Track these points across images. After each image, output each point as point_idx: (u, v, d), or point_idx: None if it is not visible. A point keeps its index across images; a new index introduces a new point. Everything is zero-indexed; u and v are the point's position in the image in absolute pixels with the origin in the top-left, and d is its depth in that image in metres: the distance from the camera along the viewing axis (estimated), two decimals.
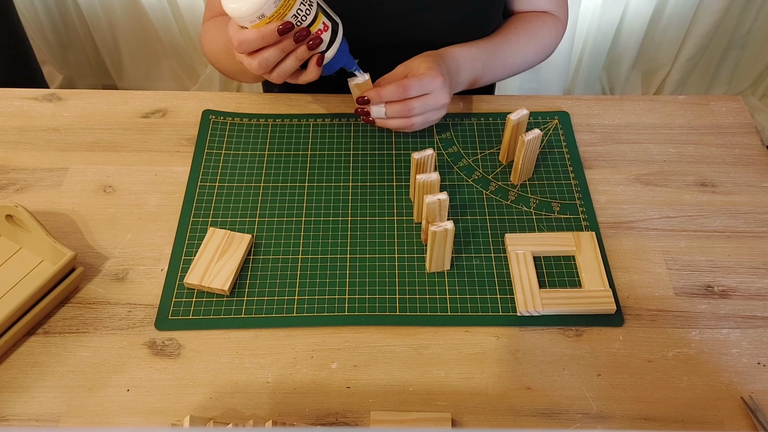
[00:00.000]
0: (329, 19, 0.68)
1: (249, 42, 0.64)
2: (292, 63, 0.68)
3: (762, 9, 1.64)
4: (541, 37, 0.86)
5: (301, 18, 0.65)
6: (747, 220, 0.73)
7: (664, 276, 0.68)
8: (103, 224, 0.72)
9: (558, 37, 0.88)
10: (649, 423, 0.58)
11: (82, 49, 1.80)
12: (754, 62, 1.77)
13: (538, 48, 0.86)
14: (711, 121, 0.84)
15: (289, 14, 0.64)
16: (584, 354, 0.62)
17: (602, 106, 0.86)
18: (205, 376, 0.61)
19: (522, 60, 0.85)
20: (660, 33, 1.71)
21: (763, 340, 0.63)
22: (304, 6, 0.64)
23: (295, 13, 0.64)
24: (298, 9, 0.64)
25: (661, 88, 1.84)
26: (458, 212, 0.73)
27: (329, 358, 0.62)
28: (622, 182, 0.77)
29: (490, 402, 0.59)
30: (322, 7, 0.68)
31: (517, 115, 0.73)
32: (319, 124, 0.83)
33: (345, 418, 0.58)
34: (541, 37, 0.86)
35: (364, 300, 0.66)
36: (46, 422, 0.58)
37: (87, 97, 0.86)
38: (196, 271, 0.67)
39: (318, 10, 0.66)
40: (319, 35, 0.67)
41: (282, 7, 0.63)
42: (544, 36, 0.86)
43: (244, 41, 0.64)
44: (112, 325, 0.64)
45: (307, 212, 0.73)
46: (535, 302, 0.64)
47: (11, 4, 1.36)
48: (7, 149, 0.79)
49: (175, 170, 0.78)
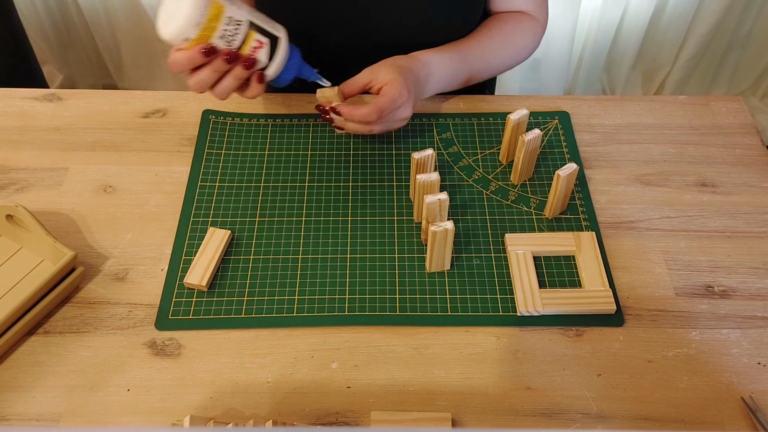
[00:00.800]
0: (265, 35, 0.68)
1: (178, 63, 0.66)
2: (230, 82, 0.68)
3: (762, 9, 1.64)
4: (518, 39, 0.84)
5: (228, 39, 0.65)
6: (747, 220, 0.73)
7: (664, 276, 0.68)
8: (103, 224, 0.72)
9: (537, 39, 0.87)
10: (649, 423, 0.58)
11: (83, 49, 1.80)
12: (755, 62, 1.77)
13: (515, 50, 0.85)
14: (711, 121, 0.84)
15: (214, 36, 0.65)
16: (584, 354, 0.62)
17: (602, 106, 0.86)
18: (205, 376, 0.61)
19: (498, 63, 0.84)
20: (660, 33, 1.71)
21: (763, 340, 0.63)
22: (231, 27, 0.65)
23: (220, 35, 0.65)
24: (223, 30, 0.65)
25: (661, 89, 1.84)
26: (458, 212, 0.73)
27: (329, 358, 0.62)
28: (622, 182, 0.77)
29: (490, 402, 0.59)
30: (256, 24, 0.67)
31: (517, 115, 0.73)
32: (319, 124, 0.83)
33: (345, 418, 0.58)
34: (518, 39, 0.84)
35: (364, 300, 0.66)
36: (47, 422, 0.58)
37: (87, 97, 0.86)
38: (196, 271, 0.67)
39: (249, 28, 0.67)
40: (252, 55, 0.67)
41: (205, 29, 0.64)
42: (521, 38, 0.85)
43: (175, 62, 0.66)
44: (112, 324, 0.64)
45: (307, 212, 0.73)
46: (535, 302, 0.64)
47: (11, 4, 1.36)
48: (7, 149, 0.79)
49: (175, 170, 0.78)
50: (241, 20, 0.66)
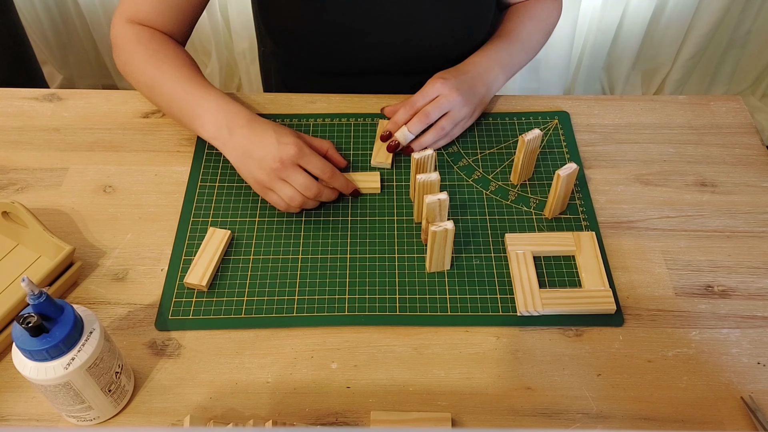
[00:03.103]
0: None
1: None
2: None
3: (762, 9, 1.64)
4: (544, 19, 0.87)
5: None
6: (747, 220, 0.73)
7: (664, 276, 0.68)
8: (103, 224, 0.72)
9: (558, 15, 0.90)
10: (649, 423, 0.58)
11: (82, 49, 1.80)
12: (754, 62, 1.77)
13: (546, 29, 0.88)
14: (711, 121, 0.84)
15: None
16: (584, 354, 0.62)
17: (602, 106, 0.86)
18: (205, 376, 0.61)
19: (536, 42, 0.87)
20: (660, 33, 1.71)
21: (763, 340, 0.63)
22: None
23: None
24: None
25: (661, 88, 1.84)
26: (458, 212, 0.73)
27: (329, 358, 0.62)
28: (622, 182, 0.77)
29: (490, 402, 0.59)
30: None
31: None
32: (319, 124, 0.83)
33: (345, 418, 0.58)
34: (544, 19, 0.87)
35: (364, 300, 0.66)
36: (47, 422, 0.58)
37: (87, 97, 0.86)
38: (196, 271, 0.67)
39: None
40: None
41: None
42: (547, 17, 0.88)
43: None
44: (112, 325, 0.64)
45: (306, 212, 0.73)
46: (535, 302, 0.64)
47: (11, 4, 1.36)
48: (7, 149, 0.79)
49: (175, 170, 0.78)
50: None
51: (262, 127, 0.70)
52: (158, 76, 0.76)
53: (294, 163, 0.68)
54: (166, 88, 0.75)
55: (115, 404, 0.57)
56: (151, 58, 0.76)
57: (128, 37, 0.78)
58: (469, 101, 0.76)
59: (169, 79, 0.75)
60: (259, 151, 0.69)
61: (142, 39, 0.77)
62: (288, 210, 0.71)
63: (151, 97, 0.79)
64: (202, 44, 1.78)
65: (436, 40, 0.82)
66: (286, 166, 0.68)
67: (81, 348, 0.52)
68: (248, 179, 0.71)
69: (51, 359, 0.51)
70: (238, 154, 0.71)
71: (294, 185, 0.69)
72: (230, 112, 0.72)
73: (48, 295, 0.49)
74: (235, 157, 0.71)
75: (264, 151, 0.69)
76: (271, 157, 0.68)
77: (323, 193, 0.70)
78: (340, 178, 0.72)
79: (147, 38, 0.77)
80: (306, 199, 0.69)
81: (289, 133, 0.71)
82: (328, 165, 0.71)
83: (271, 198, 0.71)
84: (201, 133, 0.74)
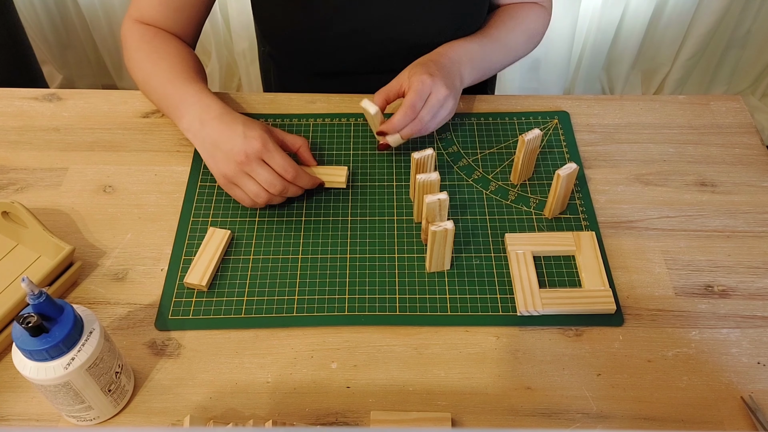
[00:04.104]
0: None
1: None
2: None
3: (762, 9, 1.64)
4: (528, 23, 0.86)
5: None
6: (747, 219, 0.73)
7: (663, 276, 0.68)
8: (102, 224, 0.72)
9: (545, 23, 0.88)
10: (649, 423, 0.58)
11: (82, 49, 1.80)
12: (754, 62, 1.77)
13: (527, 33, 0.86)
14: (711, 120, 0.84)
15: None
16: (584, 354, 0.62)
17: (602, 106, 0.86)
18: (205, 376, 0.61)
19: (515, 44, 0.85)
20: (660, 33, 1.71)
21: (762, 339, 0.63)
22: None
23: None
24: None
25: (661, 88, 1.84)
26: (458, 212, 0.73)
27: (329, 358, 0.62)
28: (622, 182, 0.77)
29: (490, 402, 0.59)
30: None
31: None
32: (319, 124, 0.83)
33: (345, 418, 0.58)
34: (528, 23, 0.86)
35: (364, 300, 0.66)
36: (46, 422, 0.58)
37: (87, 97, 0.86)
38: (196, 271, 0.67)
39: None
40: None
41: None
42: (530, 21, 0.86)
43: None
44: (112, 325, 0.64)
45: (306, 212, 0.73)
46: (535, 302, 0.64)
47: (11, 4, 1.36)
48: (7, 149, 0.79)
49: (175, 170, 0.78)
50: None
51: (232, 120, 0.70)
52: (153, 72, 0.76)
53: (258, 157, 0.67)
54: (158, 83, 0.76)
55: (115, 404, 0.57)
56: (152, 54, 0.77)
57: (134, 35, 0.80)
58: (455, 97, 0.75)
59: (162, 74, 0.76)
60: (226, 143, 0.68)
61: (146, 37, 0.79)
62: (253, 206, 0.70)
63: (147, 93, 0.80)
64: (202, 44, 1.78)
65: (429, 38, 0.81)
66: (250, 160, 0.67)
67: (81, 348, 0.52)
68: (214, 172, 0.70)
69: (51, 359, 0.51)
70: (206, 146, 0.70)
71: (258, 180, 0.68)
72: (204, 105, 0.71)
73: (48, 295, 0.49)
74: (203, 150, 0.71)
75: (231, 144, 0.68)
76: (237, 150, 0.67)
77: (288, 189, 0.69)
78: (303, 177, 0.70)
79: (150, 36, 0.79)
80: (271, 196, 0.69)
81: (257, 126, 0.70)
82: (292, 165, 0.69)
83: (235, 193, 0.70)
84: (179, 126, 0.74)
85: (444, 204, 0.64)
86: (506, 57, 0.85)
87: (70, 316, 0.51)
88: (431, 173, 0.66)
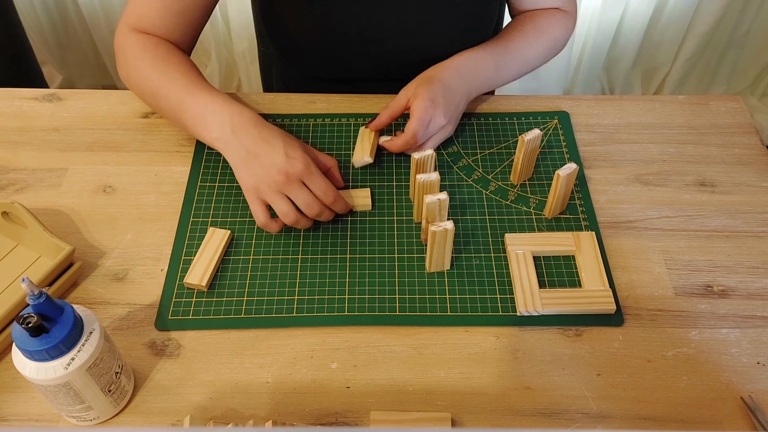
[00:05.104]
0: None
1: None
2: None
3: (761, 9, 1.64)
4: (550, 32, 0.84)
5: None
6: (746, 219, 0.73)
7: (663, 276, 0.68)
8: (102, 224, 0.72)
9: (569, 30, 0.87)
10: (648, 423, 0.58)
11: (82, 49, 1.80)
12: (754, 62, 1.78)
13: (549, 42, 0.85)
14: (710, 120, 0.84)
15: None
16: (584, 354, 0.63)
17: (602, 106, 0.86)
18: (205, 376, 0.61)
19: (535, 55, 0.84)
20: (660, 33, 1.71)
21: (762, 339, 0.63)
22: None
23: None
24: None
25: (660, 88, 1.84)
26: (458, 212, 0.73)
27: (329, 358, 0.62)
28: (621, 182, 0.77)
29: (490, 402, 0.59)
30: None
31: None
32: (319, 124, 0.83)
33: (345, 418, 0.58)
34: (550, 32, 0.84)
35: (364, 300, 0.66)
36: (47, 422, 0.58)
37: (87, 97, 0.86)
38: (196, 271, 0.67)
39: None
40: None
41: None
42: (553, 30, 0.85)
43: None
44: (112, 325, 0.64)
45: None
46: (535, 302, 0.64)
47: (11, 4, 1.36)
48: (6, 149, 0.79)
49: (175, 170, 0.78)
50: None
51: (271, 133, 0.69)
52: (164, 82, 0.74)
53: (299, 179, 0.67)
54: (170, 93, 0.74)
55: (115, 404, 0.57)
56: (158, 64, 0.75)
57: (133, 45, 0.77)
58: (453, 123, 0.77)
59: (175, 84, 0.74)
60: (266, 158, 0.67)
61: (148, 46, 0.76)
62: (265, 227, 0.69)
63: (155, 103, 0.77)
64: (202, 44, 1.78)
65: (440, 47, 0.81)
66: (290, 181, 0.66)
67: (81, 348, 0.52)
68: (243, 182, 0.69)
69: (51, 359, 0.51)
70: (241, 155, 0.69)
71: (296, 202, 0.67)
72: (236, 113, 0.70)
73: (48, 296, 0.49)
74: (237, 158, 0.69)
75: (271, 160, 0.67)
76: (277, 168, 0.66)
77: (323, 213, 0.69)
78: (341, 202, 0.70)
79: (152, 46, 0.76)
80: (299, 218, 0.68)
81: (297, 146, 0.69)
82: (332, 188, 0.69)
83: (256, 208, 0.68)
84: (203, 135, 0.72)
85: (444, 204, 0.64)
86: (522, 69, 0.84)
87: (70, 316, 0.51)
88: (431, 173, 0.66)
